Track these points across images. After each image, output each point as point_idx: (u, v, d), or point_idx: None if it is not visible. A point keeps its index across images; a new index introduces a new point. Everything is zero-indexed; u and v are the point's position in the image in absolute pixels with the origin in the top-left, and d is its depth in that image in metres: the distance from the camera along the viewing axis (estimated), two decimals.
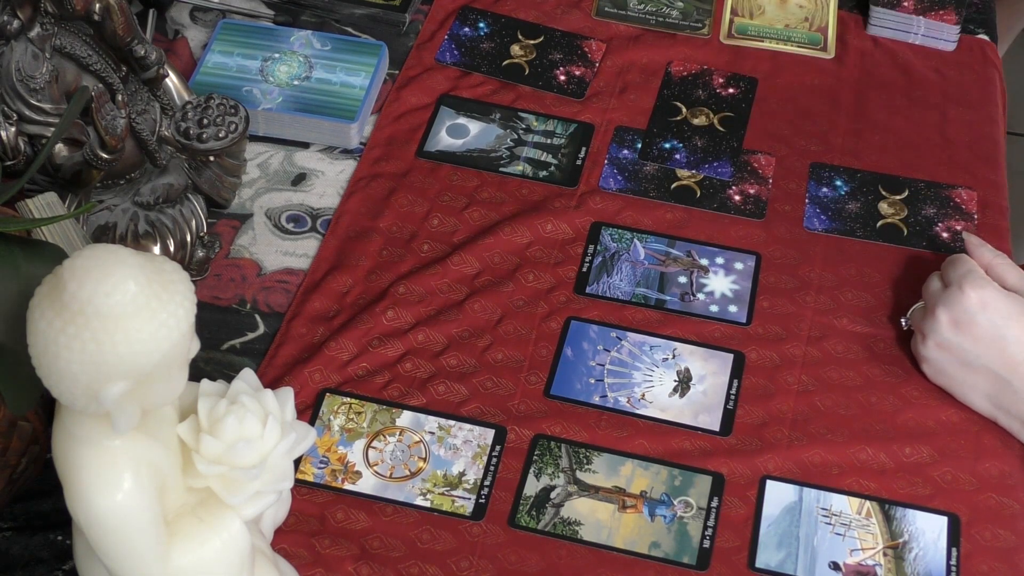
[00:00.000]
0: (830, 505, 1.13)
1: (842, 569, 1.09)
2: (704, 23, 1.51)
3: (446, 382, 1.20)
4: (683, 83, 1.45)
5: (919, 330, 1.19)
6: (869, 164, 1.38)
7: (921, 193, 1.34)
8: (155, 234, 1.23)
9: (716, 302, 1.26)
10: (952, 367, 1.17)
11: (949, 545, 1.11)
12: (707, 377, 1.21)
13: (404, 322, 1.23)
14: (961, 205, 1.34)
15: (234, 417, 0.86)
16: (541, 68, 1.46)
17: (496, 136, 1.39)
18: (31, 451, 1.03)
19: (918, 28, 1.50)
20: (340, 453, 1.15)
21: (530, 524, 1.11)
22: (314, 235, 1.32)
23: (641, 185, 1.35)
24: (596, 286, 1.27)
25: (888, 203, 1.34)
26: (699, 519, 1.12)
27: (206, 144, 1.25)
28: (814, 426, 1.18)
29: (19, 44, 1.18)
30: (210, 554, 0.87)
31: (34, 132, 1.19)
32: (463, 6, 1.52)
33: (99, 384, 0.78)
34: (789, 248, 1.31)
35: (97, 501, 0.82)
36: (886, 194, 1.34)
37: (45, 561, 1.08)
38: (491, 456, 1.15)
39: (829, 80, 1.47)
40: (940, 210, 1.34)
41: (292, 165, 1.38)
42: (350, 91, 1.41)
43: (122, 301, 0.77)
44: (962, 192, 1.35)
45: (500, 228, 1.30)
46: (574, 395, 1.19)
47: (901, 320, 1.22)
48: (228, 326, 1.24)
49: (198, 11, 1.51)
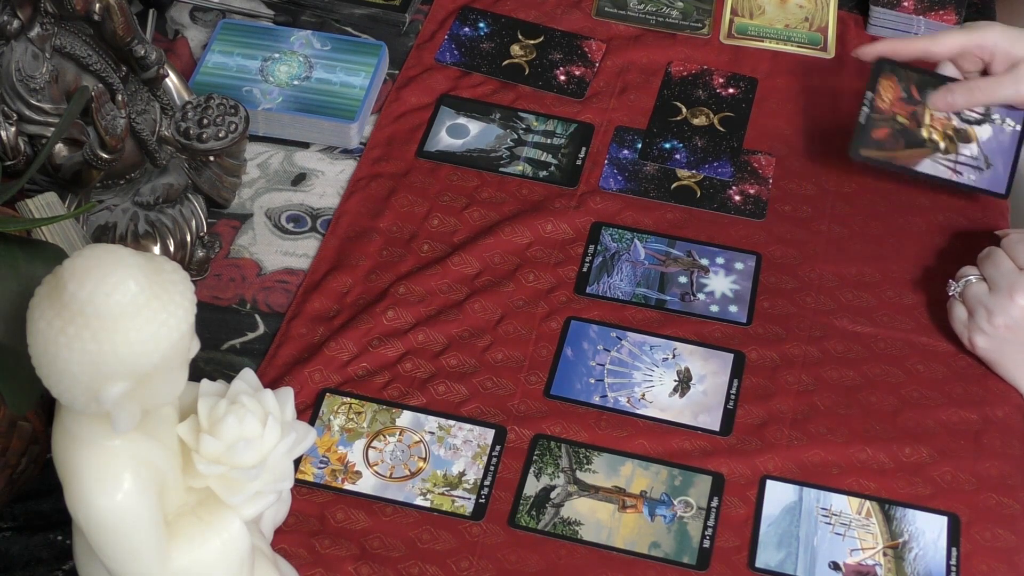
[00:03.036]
0: (830, 505, 1.13)
1: (842, 569, 1.09)
2: (704, 23, 1.51)
3: (446, 382, 1.20)
4: (683, 83, 1.45)
5: (981, 305, 1.18)
6: (869, 163, 1.38)
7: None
8: (155, 234, 1.23)
9: (716, 302, 1.26)
10: (1014, 348, 1.18)
11: (949, 545, 1.11)
12: (707, 377, 1.21)
13: (404, 322, 1.23)
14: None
15: (234, 417, 0.86)
16: (541, 68, 1.46)
17: (496, 136, 1.39)
18: (31, 451, 1.03)
19: (918, 28, 1.50)
20: (340, 453, 1.15)
21: (530, 524, 1.11)
22: (314, 235, 1.32)
23: (641, 185, 1.35)
24: (596, 286, 1.27)
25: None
26: (699, 519, 1.12)
27: (206, 144, 1.25)
28: (814, 426, 1.18)
29: (19, 44, 1.18)
30: (210, 554, 0.87)
31: (34, 132, 1.19)
32: (463, 6, 1.51)
33: (99, 384, 0.78)
34: (789, 248, 1.31)
35: (97, 501, 0.82)
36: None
37: (45, 561, 1.08)
38: (491, 456, 1.15)
39: (829, 80, 1.47)
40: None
41: (292, 165, 1.38)
42: (350, 91, 1.41)
43: (122, 301, 0.77)
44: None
45: (500, 228, 1.31)
46: (574, 395, 1.19)
47: (950, 285, 1.21)
48: (228, 326, 1.24)
49: (198, 11, 1.51)
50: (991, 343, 1.19)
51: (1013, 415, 1.19)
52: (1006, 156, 1.30)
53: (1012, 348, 1.18)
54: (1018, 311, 1.16)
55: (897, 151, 1.30)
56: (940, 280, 1.26)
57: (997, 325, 1.17)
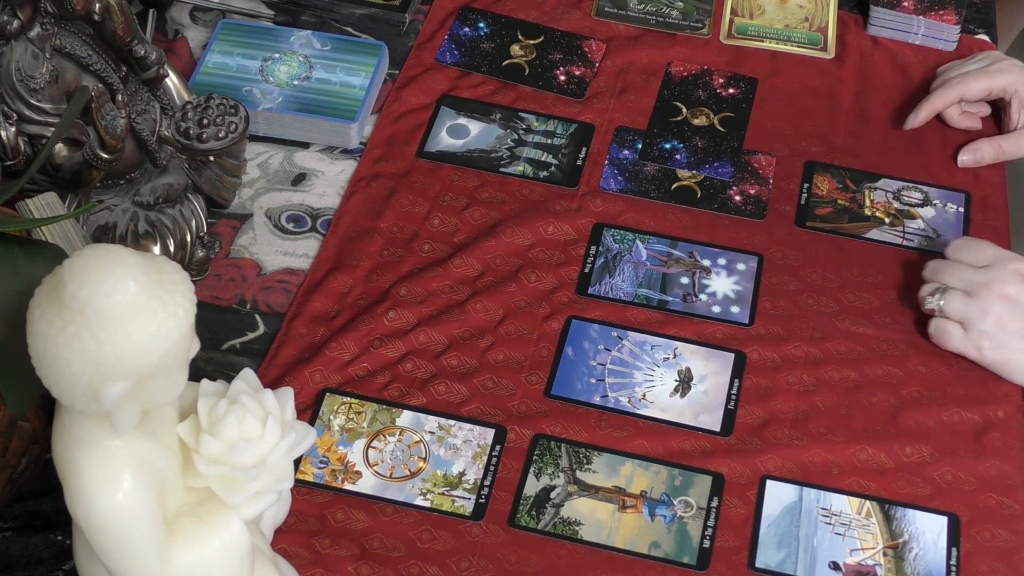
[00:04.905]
0: (830, 505, 1.13)
1: (842, 569, 1.09)
2: (704, 23, 1.51)
3: (446, 382, 1.20)
4: (683, 83, 1.45)
5: (970, 312, 1.19)
6: (869, 164, 1.38)
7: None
8: (155, 234, 1.23)
9: (718, 303, 1.26)
10: (1017, 341, 1.19)
11: (949, 545, 1.11)
12: (708, 377, 1.21)
13: (405, 322, 1.23)
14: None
15: (234, 417, 0.86)
16: (541, 68, 1.46)
17: (496, 136, 1.39)
18: (31, 451, 1.03)
19: (918, 28, 1.50)
20: (340, 453, 1.15)
21: (530, 524, 1.11)
22: (314, 235, 1.32)
23: (641, 186, 1.35)
24: (598, 287, 1.27)
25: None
26: (699, 519, 1.12)
27: (206, 144, 1.25)
28: (814, 426, 1.18)
29: (19, 44, 1.18)
30: (210, 554, 0.87)
31: (34, 132, 1.19)
32: (463, 6, 1.51)
33: (99, 384, 0.78)
34: (790, 249, 1.31)
35: (97, 501, 0.82)
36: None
37: (45, 561, 1.08)
38: (491, 456, 1.15)
39: (829, 80, 1.47)
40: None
41: (292, 165, 1.38)
42: (350, 91, 1.41)
43: (122, 301, 0.77)
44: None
45: (502, 230, 1.30)
46: (575, 395, 1.19)
47: (927, 300, 1.21)
48: (228, 326, 1.24)
49: (198, 11, 1.51)
50: (995, 342, 1.19)
51: (1013, 415, 1.19)
52: (955, 228, 1.32)
53: (1015, 341, 1.18)
54: (1004, 301, 1.18)
55: (842, 224, 1.31)
56: None
57: (992, 321, 1.18)
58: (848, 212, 1.33)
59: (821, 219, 1.33)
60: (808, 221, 1.33)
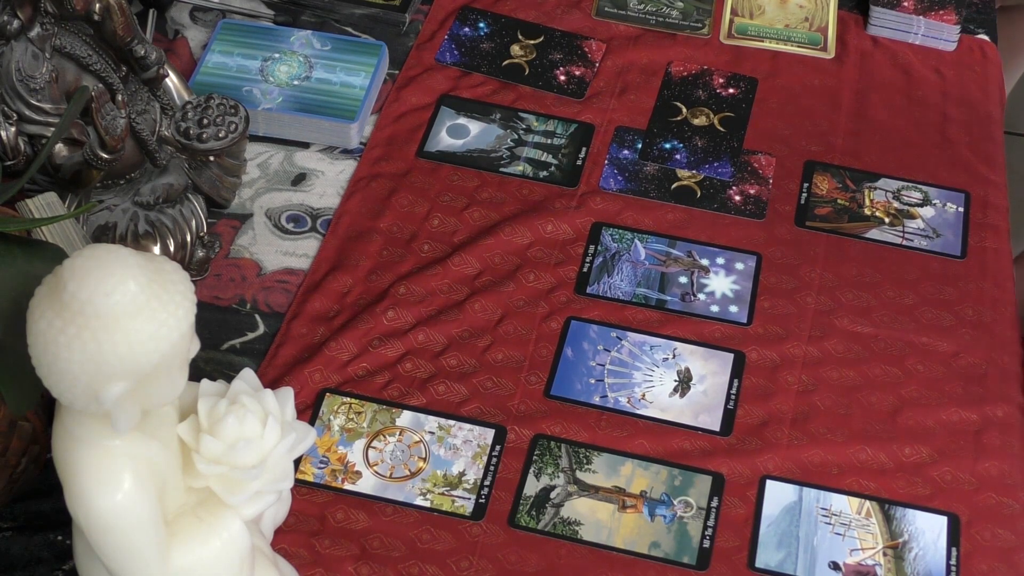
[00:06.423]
0: (830, 505, 1.13)
1: (842, 569, 1.09)
2: (704, 23, 1.51)
3: (446, 382, 1.20)
4: (683, 83, 1.45)
5: None
6: (869, 164, 1.38)
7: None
8: (155, 234, 1.23)
9: (717, 302, 1.26)
10: None
11: (949, 545, 1.11)
12: (707, 377, 1.21)
13: (404, 322, 1.23)
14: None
15: (234, 417, 0.86)
16: (541, 68, 1.46)
17: (496, 136, 1.39)
18: (31, 451, 1.03)
19: (918, 28, 1.50)
20: (340, 453, 1.15)
21: (530, 524, 1.11)
22: (314, 235, 1.32)
23: (641, 185, 1.35)
24: (597, 286, 1.27)
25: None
26: (699, 519, 1.12)
27: (206, 144, 1.25)
28: (814, 426, 1.18)
29: (19, 44, 1.18)
30: (210, 554, 0.87)
31: (34, 132, 1.19)
32: (463, 6, 1.52)
33: (99, 384, 0.78)
34: (789, 248, 1.31)
35: (97, 501, 0.82)
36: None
37: (45, 561, 1.08)
38: (491, 456, 1.15)
39: (829, 80, 1.47)
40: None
41: (292, 165, 1.38)
42: (350, 91, 1.41)
43: (122, 301, 0.77)
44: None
45: (501, 229, 1.31)
46: (574, 395, 1.19)
47: None
48: (228, 326, 1.24)
49: (198, 11, 1.51)
50: None
51: (1013, 415, 1.19)
52: (954, 228, 1.31)
53: None
54: None
55: (842, 223, 1.31)
56: (939, 280, 1.26)
57: None
58: (848, 212, 1.33)
59: (821, 219, 1.33)
60: (808, 221, 1.33)
